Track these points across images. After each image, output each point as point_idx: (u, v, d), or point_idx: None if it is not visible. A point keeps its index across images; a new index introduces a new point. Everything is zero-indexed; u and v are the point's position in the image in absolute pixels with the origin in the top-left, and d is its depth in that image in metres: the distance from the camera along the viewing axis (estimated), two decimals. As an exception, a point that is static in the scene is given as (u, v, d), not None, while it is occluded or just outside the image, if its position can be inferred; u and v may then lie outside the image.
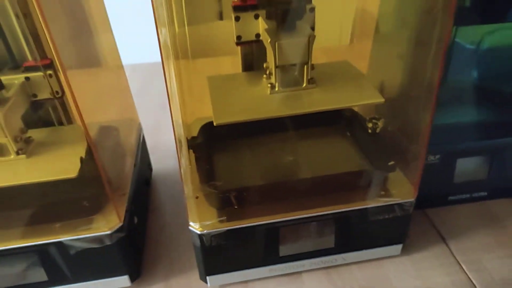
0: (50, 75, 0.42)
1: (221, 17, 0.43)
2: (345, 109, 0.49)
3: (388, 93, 0.47)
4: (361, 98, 0.39)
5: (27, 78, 0.41)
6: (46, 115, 0.45)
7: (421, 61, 0.41)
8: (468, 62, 0.51)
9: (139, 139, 0.52)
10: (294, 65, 0.39)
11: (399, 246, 0.44)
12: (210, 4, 0.43)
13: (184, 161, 0.36)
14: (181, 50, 0.43)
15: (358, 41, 0.51)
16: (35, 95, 0.42)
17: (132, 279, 0.41)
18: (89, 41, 0.47)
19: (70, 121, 0.45)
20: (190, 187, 0.37)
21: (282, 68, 0.38)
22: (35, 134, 0.42)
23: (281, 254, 0.41)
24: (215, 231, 0.37)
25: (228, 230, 0.38)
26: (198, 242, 0.38)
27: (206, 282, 0.41)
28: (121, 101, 0.52)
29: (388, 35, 0.48)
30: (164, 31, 0.30)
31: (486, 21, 0.46)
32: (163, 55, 0.30)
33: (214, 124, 0.36)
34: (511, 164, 0.50)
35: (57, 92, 0.42)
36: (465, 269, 0.42)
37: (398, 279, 0.42)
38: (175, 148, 0.67)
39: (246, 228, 0.38)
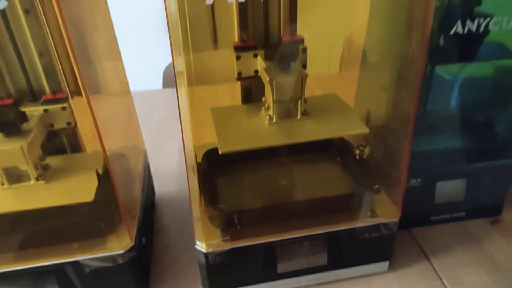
0: (64, 108, 0.46)
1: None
2: (336, 137, 0.53)
3: (374, 122, 0.52)
4: (349, 129, 0.44)
5: (45, 110, 0.45)
6: (59, 143, 0.49)
7: (401, 95, 0.46)
8: (447, 92, 0.57)
9: (145, 165, 0.56)
10: (290, 99, 0.44)
11: (386, 263, 0.48)
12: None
13: (193, 185, 0.40)
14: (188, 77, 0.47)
15: (347, 70, 0.56)
16: (52, 125, 0.46)
17: (141, 296, 0.44)
18: (104, 70, 0.51)
19: (81, 148, 0.49)
20: (198, 209, 0.41)
21: (279, 102, 0.42)
22: (52, 160, 0.46)
23: (279, 271, 0.45)
24: (219, 250, 0.41)
25: (231, 249, 0.41)
26: (203, 260, 0.42)
27: (209, 298, 0.45)
28: (130, 128, 0.56)
29: (373, 68, 0.54)
30: (180, 59, 0.34)
31: (458, 60, 0.52)
32: (177, 83, 0.34)
33: (220, 152, 0.40)
34: (486, 187, 0.55)
35: (70, 123, 0.46)
36: (446, 284, 0.46)
37: (385, 293, 0.46)
38: (176, 173, 0.71)
39: (247, 247, 0.42)
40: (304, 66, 0.46)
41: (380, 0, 0.48)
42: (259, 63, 0.46)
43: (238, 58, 0.46)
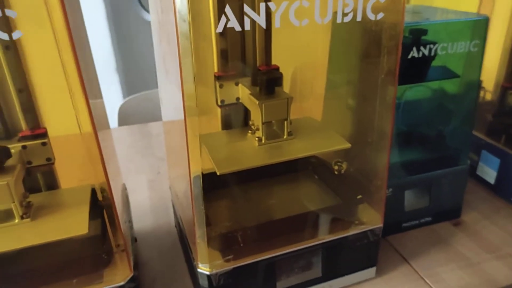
0: (45, 143, 0.45)
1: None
2: (312, 157, 0.57)
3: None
4: (332, 145, 0.48)
5: (24, 147, 0.44)
6: (33, 181, 0.47)
7: (371, 113, 0.52)
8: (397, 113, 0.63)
9: (126, 198, 0.55)
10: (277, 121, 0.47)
11: (373, 269, 0.51)
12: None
13: (198, 207, 0.40)
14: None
15: (313, 96, 0.61)
16: (30, 162, 0.45)
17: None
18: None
19: (56, 186, 0.48)
20: (201, 232, 0.41)
21: (268, 124, 0.45)
22: (32, 198, 0.44)
23: (278, 286, 0.46)
24: (223, 271, 0.41)
25: (233, 268, 0.42)
26: (206, 283, 0.41)
27: (211, 323, 0.44)
28: (112, 162, 0.55)
29: (337, 92, 0.59)
30: (191, 88, 0.35)
31: (411, 82, 0.59)
32: (186, 112, 0.35)
33: (218, 173, 0.41)
34: (446, 192, 0.61)
35: (49, 159, 0.45)
36: (428, 282, 0.50)
37: (376, 298, 0.49)
38: (149, 208, 0.69)
39: (249, 265, 0.43)
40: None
41: (338, 35, 0.53)
42: (241, 90, 0.48)
43: (221, 86, 0.48)
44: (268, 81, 0.45)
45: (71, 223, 0.41)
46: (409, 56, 0.51)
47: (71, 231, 0.39)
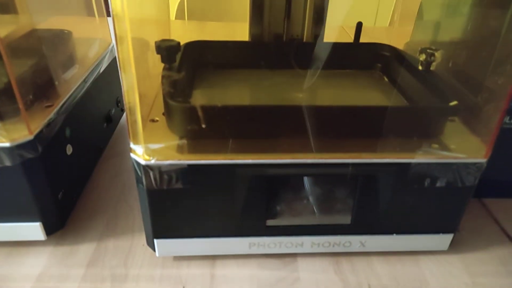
0: None
1: None
2: (386, 48, 0.35)
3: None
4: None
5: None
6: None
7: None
8: None
9: (103, 58, 0.39)
10: None
11: (448, 238, 0.29)
12: None
13: (126, 52, 0.22)
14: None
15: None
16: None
17: (48, 230, 0.28)
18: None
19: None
20: (134, 95, 0.23)
21: None
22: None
23: (268, 222, 0.27)
24: (170, 164, 0.24)
25: (190, 166, 0.24)
26: (142, 180, 0.24)
27: (153, 248, 0.28)
28: (88, 19, 0.40)
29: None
30: None
31: None
32: None
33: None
34: None
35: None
36: (548, 284, 0.28)
37: (440, 283, 0.27)
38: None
39: (216, 167, 0.24)
40: None
41: None
42: None
43: None
44: None
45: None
46: None
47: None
